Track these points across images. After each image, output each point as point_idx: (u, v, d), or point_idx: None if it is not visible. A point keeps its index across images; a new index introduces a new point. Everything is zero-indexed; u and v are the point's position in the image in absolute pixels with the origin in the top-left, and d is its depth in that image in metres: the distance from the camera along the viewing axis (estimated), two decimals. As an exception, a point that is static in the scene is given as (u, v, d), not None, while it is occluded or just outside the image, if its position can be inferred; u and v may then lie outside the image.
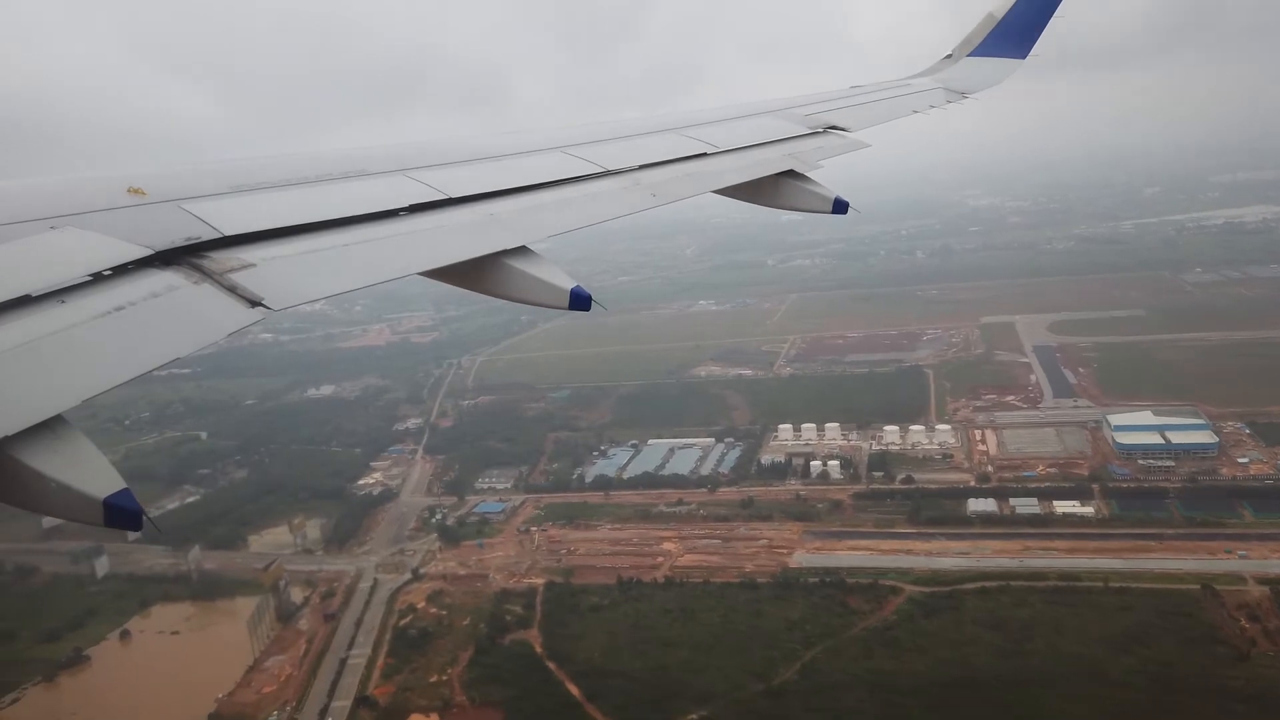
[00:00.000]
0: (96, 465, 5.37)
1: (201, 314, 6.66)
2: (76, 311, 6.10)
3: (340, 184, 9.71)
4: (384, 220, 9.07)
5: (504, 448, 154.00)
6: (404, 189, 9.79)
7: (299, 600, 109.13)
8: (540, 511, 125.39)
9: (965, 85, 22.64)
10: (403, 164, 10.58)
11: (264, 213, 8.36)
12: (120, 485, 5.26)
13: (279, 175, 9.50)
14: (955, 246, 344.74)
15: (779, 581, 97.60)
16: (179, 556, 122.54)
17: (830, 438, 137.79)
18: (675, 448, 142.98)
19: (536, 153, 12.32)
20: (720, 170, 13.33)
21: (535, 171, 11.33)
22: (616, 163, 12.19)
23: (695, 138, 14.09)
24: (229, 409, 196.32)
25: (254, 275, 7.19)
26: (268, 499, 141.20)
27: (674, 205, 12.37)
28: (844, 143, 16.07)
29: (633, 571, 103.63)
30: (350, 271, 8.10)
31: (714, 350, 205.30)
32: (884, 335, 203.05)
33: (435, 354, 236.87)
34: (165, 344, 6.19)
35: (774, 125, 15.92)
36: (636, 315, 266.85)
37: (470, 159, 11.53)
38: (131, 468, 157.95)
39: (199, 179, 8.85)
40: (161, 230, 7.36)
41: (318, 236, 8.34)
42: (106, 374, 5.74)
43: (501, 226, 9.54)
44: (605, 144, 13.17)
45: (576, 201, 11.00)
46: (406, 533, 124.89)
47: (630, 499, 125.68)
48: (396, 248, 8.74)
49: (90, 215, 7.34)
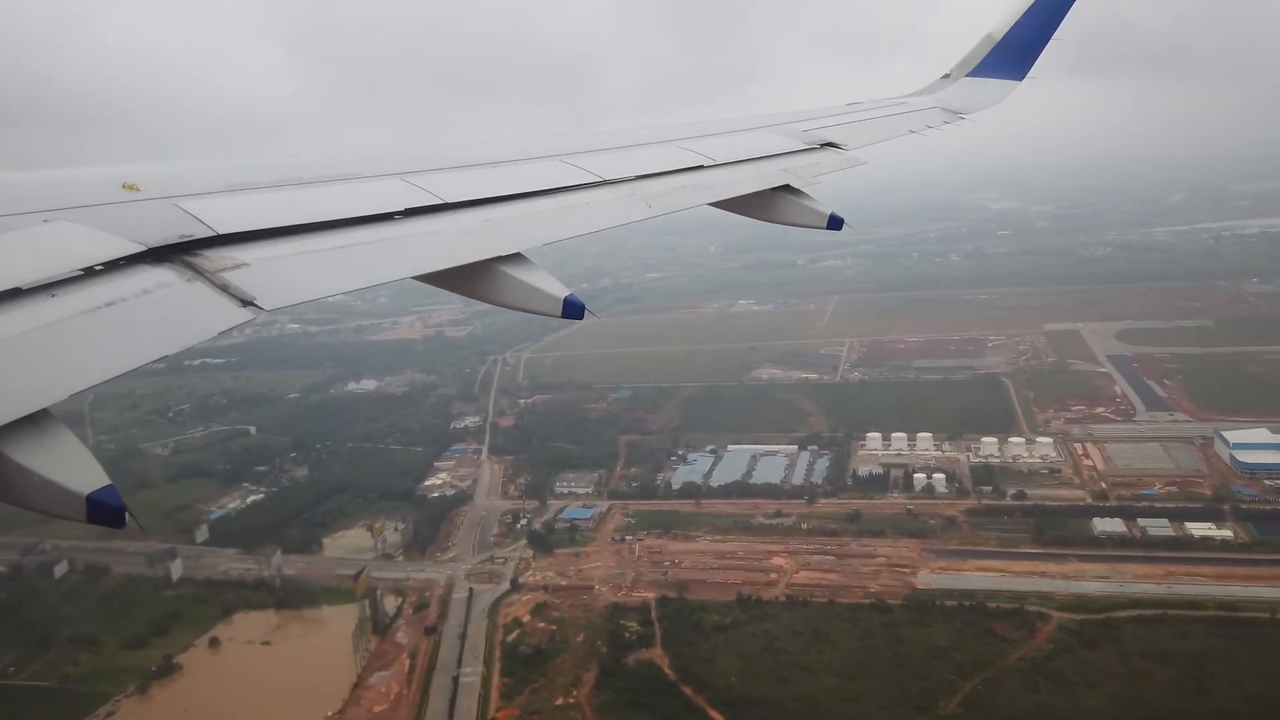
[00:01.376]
0: (81, 460, 5.28)
1: (193, 312, 6.62)
2: (66, 306, 6.09)
3: (336, 186, 9.72)
4: (379, 223, 9.09)
5: (574, 450, 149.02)
6: (400, 193, 9.78)
7: (389, 610, 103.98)
8: (630, 519, 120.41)
9: (963, 105, 22.85)
10: (399, 168, 10.59)
11: (258, 212, 8.35)
12: (104, 481, 5.19)
13: (274, 175, 9.52)
14: (988, 250, 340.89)
15: (912, 604, 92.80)
16: (253, 560, 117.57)
17: (923, 448, 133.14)
18: (757, 455, 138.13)
19: (534, 160, 12.36)
20: (716, 183, 13.40)
21: (532, 179, 11.36)
22: (613, 173, 12.22)
23: (692, 150, 14.14)
24: (273, 403, 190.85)
25: (247, 275, 7.15)
26: (335, 500, 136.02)
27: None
28: (840, 159, 16.23)
29: (747, 588, 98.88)
30: (344, 273, 8.12)
31: (770, 352, 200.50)
32: (945, 341, 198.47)
33: (474, 349, 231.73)
34: (155, 341, 6.17)
35: (771, 140, 16.05)
36: (676, 314, 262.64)
37: (467, 165, 11.60)
38: (183, 464, 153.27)
39: (194, 176, 8.86)
40: (155, 227, 7.35)
41: (312, 238, 8.33)
42: (95, 369, 5.70)
43: (497, 233, 9.58)
44: (603, 154, 13.16)
45: (572, 210, 11.07)
46: (491, 538, 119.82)
47: (723, 508, 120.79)
48: (391, 251, 8.82)
49: (83, 209, 7.33)
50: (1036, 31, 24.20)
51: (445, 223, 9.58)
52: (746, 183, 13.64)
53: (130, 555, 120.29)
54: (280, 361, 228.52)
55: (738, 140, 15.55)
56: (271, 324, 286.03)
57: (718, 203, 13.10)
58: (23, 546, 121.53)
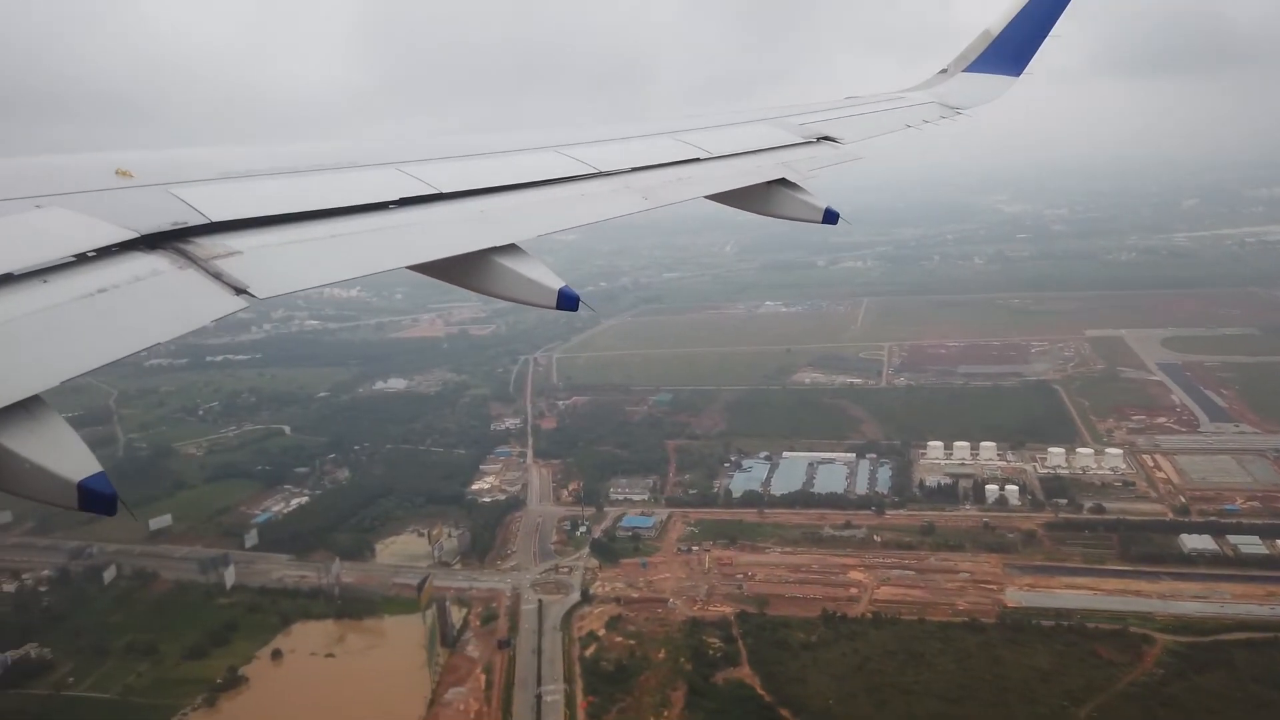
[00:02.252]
0: (72, 447, 5.24)
1: (185, 299, 6.61)
2: (59, 292, 6.07)
3: (330, 175, 9.68)
4: (373, 212, 9.02)
5: (622, 455, 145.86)
6: (395, 182, 9.72)
7: (455, 622, 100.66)
8: (693, 528, 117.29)
9: (959, 101, 22.80)
10: (393, 157, 10.51)
11: (252, 200, 8.29)
12: (96, 468, 5.13)
13: (268, 164, 9.47)
14: (1009, 254, 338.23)
15: (1006, 623, 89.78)
16: (307, 567, 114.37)
17: (986, 458, 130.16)
18: (814, 463, 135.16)
19: (530, 151, 12.28)
20: (712, 176, 13.35)
21: (528, 170, 11.33)
22: (609, 164, 12.14)
23: (689, 143, 14.08)
24: (303, 401, 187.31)
25: (240, 262, 7.14)
26: (381, 504, 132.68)
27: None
28: (837, 153, 16.12)
29: (827, 603, 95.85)
30: (338, 263, 8.05)
31: (807, 356, 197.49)
32: (986, 346, 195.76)
33: (501, 348, 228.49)
34: (148, 328, 6.15)
35: (768, 133, 16.00)
36: (702, 315, 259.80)
37: (462, 155, 11.57)
38: (220, 464, 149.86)
39: (188, 164, 8.83)
40: (148, 213, 7.33)
41: (306, 226, 8.30)
42: (87, 356, 5.70)
43: (492, 223, 9.55)
44: (599, 145, 13.08)
45: (568, 201, 11.00)
46: (551, 546, 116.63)
47: (788, 518, 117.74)
48: (385, 241, 8.76)
49: (76, 196, 7.31)
50: (1033, 28, 24.47)
51: (440, 213, 9.55)
52: (742, 176, 13.58)
53: (178, 561, 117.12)
54: (304, 359, 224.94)
55: (734, 133, 15.57)
56: (289, 320, 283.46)
57: (714, 195, 13.04)
58: (70, 550, 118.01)
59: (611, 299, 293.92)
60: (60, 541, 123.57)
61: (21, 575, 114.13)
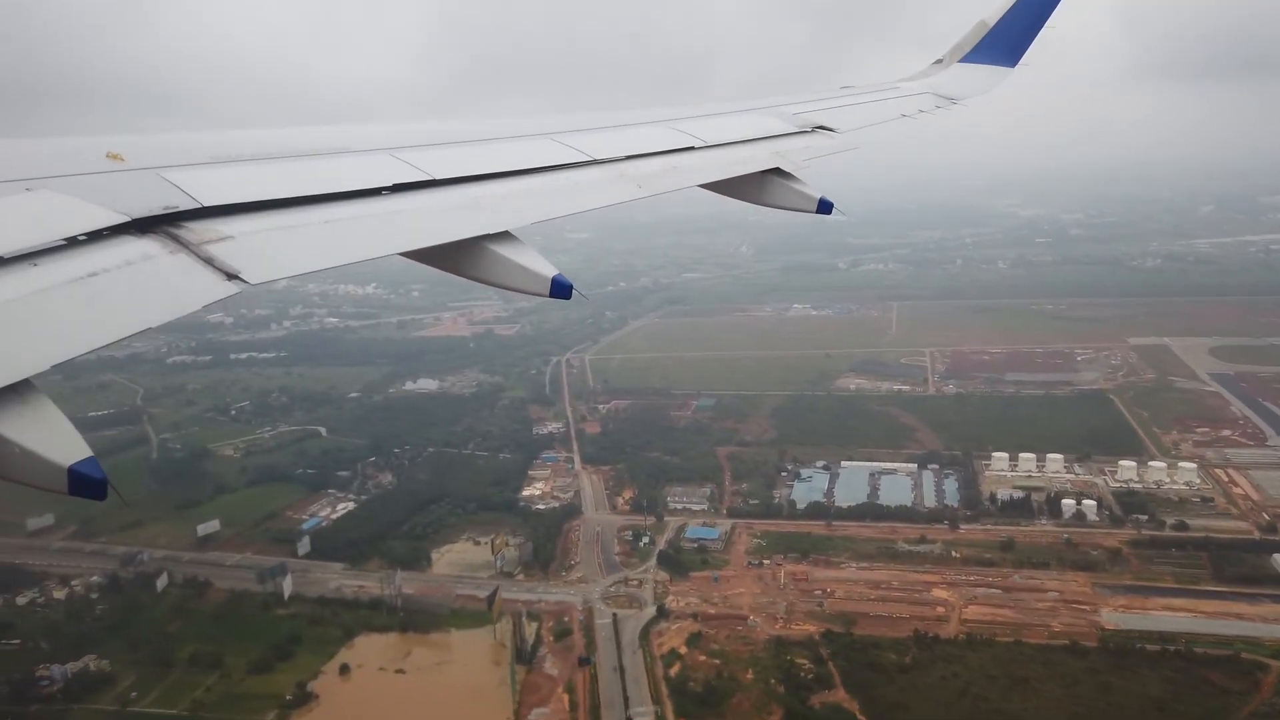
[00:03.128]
0: (62, 432, 5.22)
1: (176, 284, 6.58)
2: (49, 276, 6.05)
3: (323, 160, 9.63)
4: (366, 199, 8.99)
5: (672, 461, 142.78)
6: (388, 168, 9.67)
7: (528, 636, 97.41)
8: (760, 541, 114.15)
9: (955, 91, 22.68)
10: (387, 143, 10.43)
11: (245, 185, 8.28)
12: (86, 453, 5.09)
13: (261, 148, 9.42)
14: (1032, 259, 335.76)
15: (1109, 647, 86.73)
16: (364, 577, 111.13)
17: (1054, 470, 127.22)
18: (876, 473, 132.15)
19: (524, 138, 12.27)
20: (706, 165, 13.34)
21: (522, 157, 11.24)
22: (603, 152, 12.11)
23: (683, 131, 14.06)
24: (335, 402, 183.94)
25: (232, 247, 7.13)
26: (432, 510, 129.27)
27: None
28: (831, 143, 15.98)
29: (916, 623, 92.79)
30: (330, 248, 8.04)
31: (847, 361, 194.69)
32: (1030, 353, 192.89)
33: (529, 349, 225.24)
34: (138, 313, 6.15)
35: (762, 122, 15.94)
36: (731, 317, 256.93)
37: (457, 141, 11.48)
38: (259, 466, 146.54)
39: (179, 148, 8.81)
40: (139, 197, 7.29)
41: (298, 212, 8.26)
42: (77, 340, 5.67)
43: (485, 210, 9.54)
44: (593, 133, 13.06)
45: (561, 189, 11.00)
46: (616, 557, 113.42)
47: (858, 531, 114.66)
48: (378, 227, 8.74)
49: (67, 179, 7.26)
50: (1029, 20, 24.24)
51: (433, 199, 9.56)
52: (737, 165, 13.56)
53: (230, 569, 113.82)
54: (329, 358, 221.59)
55: (728, 122, 15.47)
56: (309, 317, 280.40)
57: (708, 184, 13.00)
58: (121, 556, 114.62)
59: (634, 300, 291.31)
60: (106, 546, 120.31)
61: (71, 581, 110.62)
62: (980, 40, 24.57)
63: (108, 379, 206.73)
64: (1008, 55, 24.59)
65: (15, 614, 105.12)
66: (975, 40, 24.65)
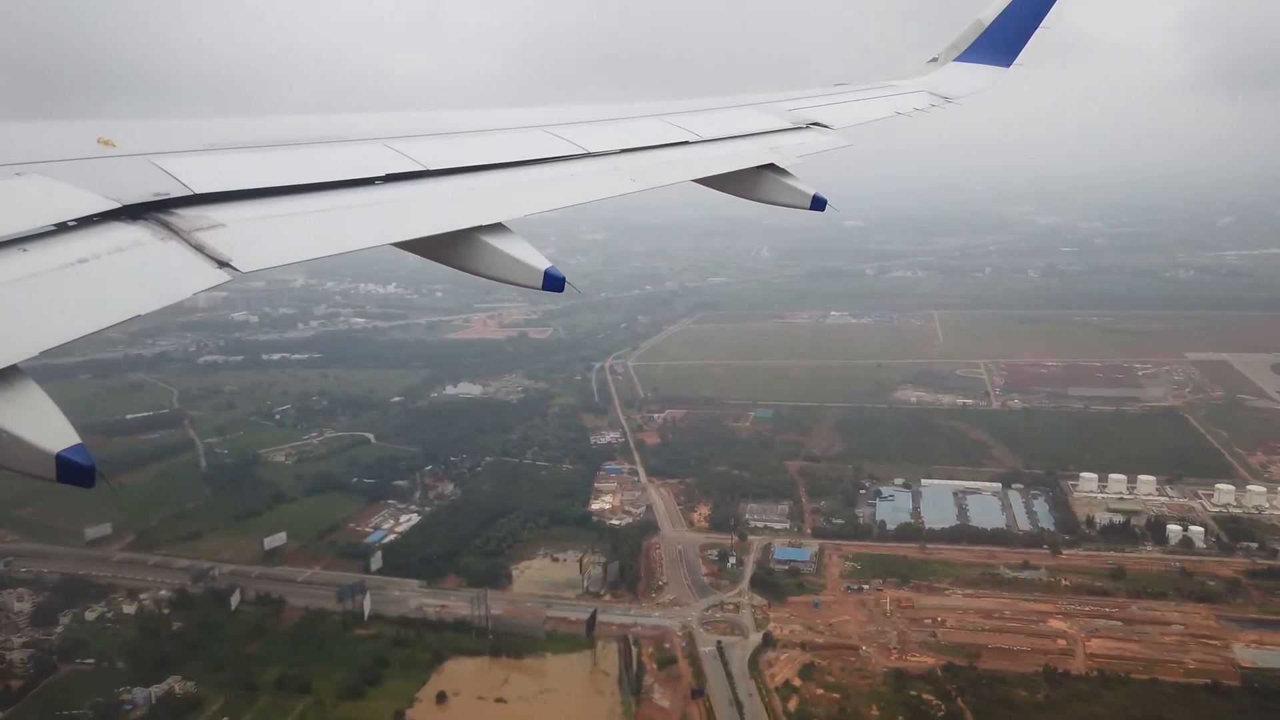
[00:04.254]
0: (51, 418, 5.19)
1: (166, 272, 6.54)
2: (38, 261, 6.03)
3: (317, 149, 9.57)
4: (359, 188, 8.96)
5: (741, 476, 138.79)
6: (382, 158, 9.59)
7: (633, 663, 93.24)
8: (854, 564, 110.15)
9: (949, 90, 22.67)
10: (381, 133, 10.36)
11: (237, 173, 8.23)
12: (74, 440, 5.06)
13: (253, 136, 9.37)
14: (1061, 268, 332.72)
15: (1254, 687, 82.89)
16: (445, 595, 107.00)
17: (1145, 492, 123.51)
18: (959, 492, 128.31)
19: (519, 130, 12.22)
20: (701, 159, 13.31)
21: (516, 149, 11.22)
22: (598, 145, 12.09)
23: (678, 125, 14.02)
24: (380, 406, 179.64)
25: (223, 235, 7.08)
26: (503, 524, 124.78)
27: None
28: (826, 139, 16.03)
29: (1037, 656, 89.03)
30: (322, 238, 7.99)
31: (900, 372, 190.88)
32: (1088, 367, 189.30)
33: (568, 353, 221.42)
34: (128, 300, 6.12)
35: (757, 118, 16.01)
36: (768, 323, 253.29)
37: (451, 132, 11.43)
38: (313, 475, 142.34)
39: (171, 134, 8.80)
40: (130, 184, 7.24)
41: (291, 200, 8.22)
42: (66, 327, 5.66)
43: (479, 202, 9.50)
44: (588, 126, 12.99)
45: (556, 181, 10.95)
46: (704, 578, 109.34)
47: (954, 555, 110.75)
48: (371, 216, 8.70)
49: (57, 164, 7.22)
50: (1025, 20, 24.22)
51: (427, 189, 9.48)
52: (731, 160, 13.57)
53: (301, 585, 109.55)
54: (363, 360, 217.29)
55: (722, 117, 15.56)
56: (334, 316, 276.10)
57: (702, 179, 13.00)
58: (194, 571, 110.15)
59: (664, 304, 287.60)
60: (169, 559, 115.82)
61: (139, 596, 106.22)
62: (976, 39, 24.52)
63: (138, 379, 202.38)
64: (1003, 55, 24.58)
65: (86, 630, 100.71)
66: (971, 39, 24.61)
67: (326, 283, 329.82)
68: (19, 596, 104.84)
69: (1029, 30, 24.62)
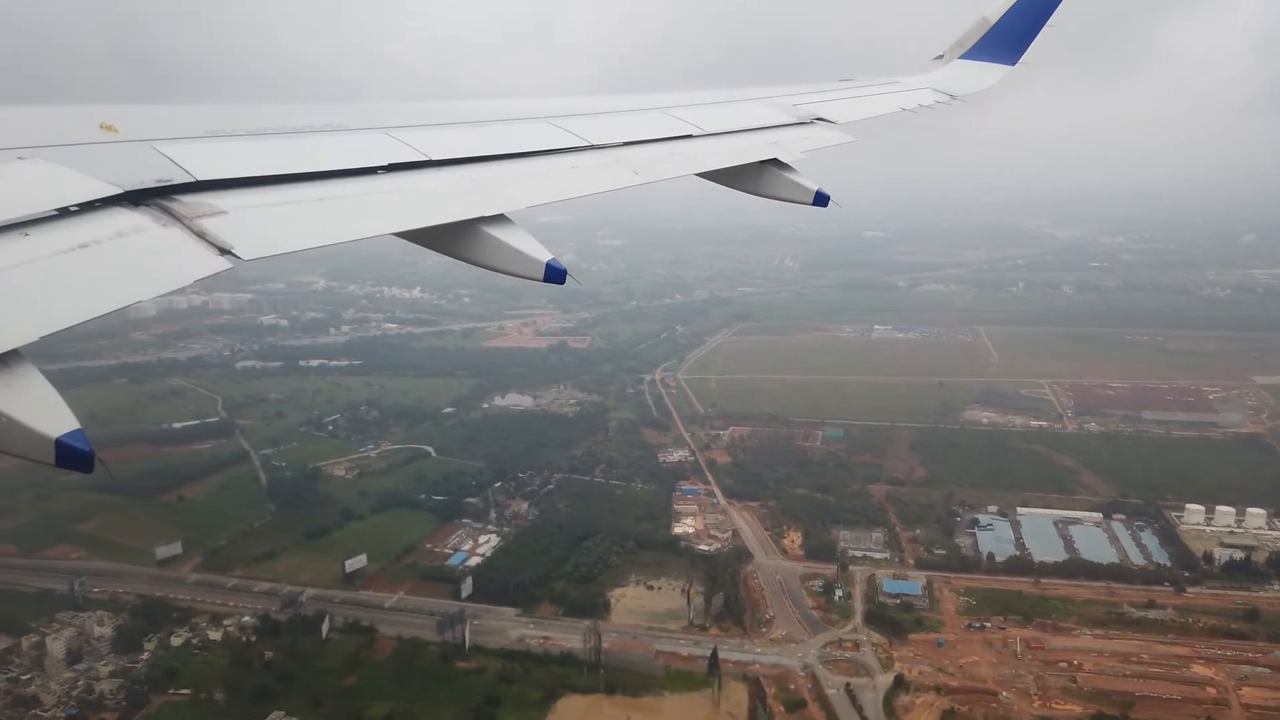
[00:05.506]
0: (50, 403, 5.12)
1: (168, 258, 6.44)
2: (40, 246, 5.95)
3: (319, 137, 9.48)
4: (361, 177, 8.87)
5: (826, 500, 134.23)
6: (384, 147, 9.52)
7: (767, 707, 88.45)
8: (968, 599, 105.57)
9: (955, 87, 22.55)
10: (384, 122, 10.27)
11: (239, 160, 8.13)
12: (74, 425, 4.99)
13: (256, 124, 9.25)
14: (1095, 284, 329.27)
15: None
16: (544, 625, 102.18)
17: (1254, 525, 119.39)
18: (1059, 522, 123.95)
19: (521, 121, 12.11)
20: (704, 153, 13.18)
21: (519, 140, 11.13)
22: (601, 138, 11.94)
23: (681, 119, 13.89)
24: (432, 417, 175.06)
25: (225, 222, 6.98)
26: (590, 547, 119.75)
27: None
28: (830, 135, 15.88)
29: (1189, 706, 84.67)
30: (324, 226, 7.85)
31: (964, 390, 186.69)
32: (1156, 389, 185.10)
33: (610, 364, 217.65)
34: (129, 286, 6.03)
35: (761, 112, 15.83)
36: (811, 336, 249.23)
37: (453, 122, 11.33)
38: (380, 491, 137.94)
39: (174, 121, 8.69)
40: (132, 170, 7.13)
41: (293, 188, 8.11)
42: (67, 312, 5.57)
43: (481, 193, 9.42)
44: (591, 118, 12.90)
45: (558, 173, 10.84)
46: (812, 612, 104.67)
47: (1071, 591, 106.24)
48: (373, 206, 8.60)
49: (59, 149, 7.09)
50: (1031, 18, 24.11)
51: (429, 180, 9.42)
52: (735, 154, 13.49)
53: (389, 611, 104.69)
54: (406, 368, 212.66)
55: (727, 111, 15.37)
56: (365, 321, 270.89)
57: (704, 173, 12.87)
58: (284, 597, 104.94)
59: (697, 313, 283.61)
60: (247, 581, 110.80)
61: (223, 621, 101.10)
62: (982, 37, 24.35)
63: (177, 384, 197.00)
64: (1009, 53, 24.41)
65: (174, 658, 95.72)
66: (977, 37, 24.44)
67: (349, 285, 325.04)
68: (99, 620, 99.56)
69: (1035, 29, 24.35)
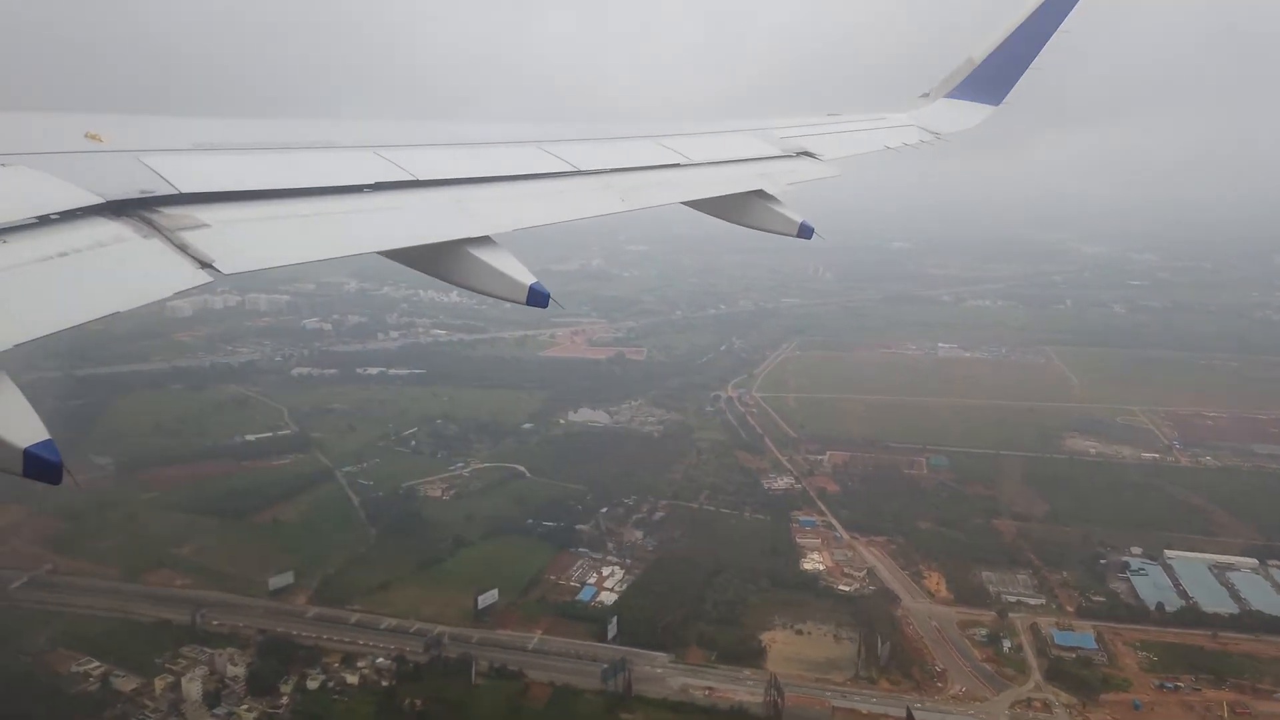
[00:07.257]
0: (20, 413, 5.04)
1: (148, 269, 6.28)
2: (18, 253, 5.79)
3: (306, 154, 9.38)
4: (348, 195, 8.77)
5: (953, 535, 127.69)
6: (371, 166, 9.45)
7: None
8: (1149, 655, 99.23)
9: (939, 125, 22.75)
10: (373, 141, 10.19)
11: (224, 174, 8.09)
12: (43, 436, 4.96)
13: (243, 138, 9.22)
14: (1142, 302, 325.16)
15: None
16: (704, 673, 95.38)
17: None
18: (1214, 567, 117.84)
19: (511, 144, 12.17)
20: (692, 182, 13.36)
21: (507, 163, 11.17)
22: (590, 164, 12.03)
23: (671, 148, 14.06)
24: (512, 432, 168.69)
25: (207, 236, 6.87)
26: (724, 585, 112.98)
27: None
28: (816, 168, 16.12)
29: None
30: (308, 243, 7.75)
31: (1056, 416, 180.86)
32: (1257, 419, 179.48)
33: (676, 378, 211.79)
34: (108, 296, 5.88)
35: (749, 144, 16.12)
36: (876, 353, 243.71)
37: (442, 143, 11.29)
38: (485, 516, 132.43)
39: (160, 132, 8.66)
40: (115, 180, 7.04)
41: (277, 204, 8.07)
42: (43, 321, 5.44)
43: (467, 214, 9.34)
44: (582, 144, 12.91)
45: (545, 196, 10.86)
46: (983, 664, 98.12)
47: (1254, 647, 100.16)
48: (358, 224, 8.51)
49: (43, 156, 7.01)
50: (1015, 60, 24.54)
51: (415, 199, 9.31)
52: (722, 184, 13.62)
53: (533, 654, 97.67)
54: (469, 378, 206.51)
55: (714, 141, 15.61)
56: (410, 326, 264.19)
57: (691, 202, 12.94)
58: (427, 639, 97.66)
59: (751, 326, 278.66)
60: (371, 617, 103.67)
61: (356, 663, 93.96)
62: (967, 76, 24.52)
63: (235, 391, 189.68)
64: (993, 93, 24.55)
65: (314, 702, 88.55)
66: (962, 76, 24.60)
67: (383, 288, 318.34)
68: (230, 659, 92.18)
69: (1019, 70, 24.47)
